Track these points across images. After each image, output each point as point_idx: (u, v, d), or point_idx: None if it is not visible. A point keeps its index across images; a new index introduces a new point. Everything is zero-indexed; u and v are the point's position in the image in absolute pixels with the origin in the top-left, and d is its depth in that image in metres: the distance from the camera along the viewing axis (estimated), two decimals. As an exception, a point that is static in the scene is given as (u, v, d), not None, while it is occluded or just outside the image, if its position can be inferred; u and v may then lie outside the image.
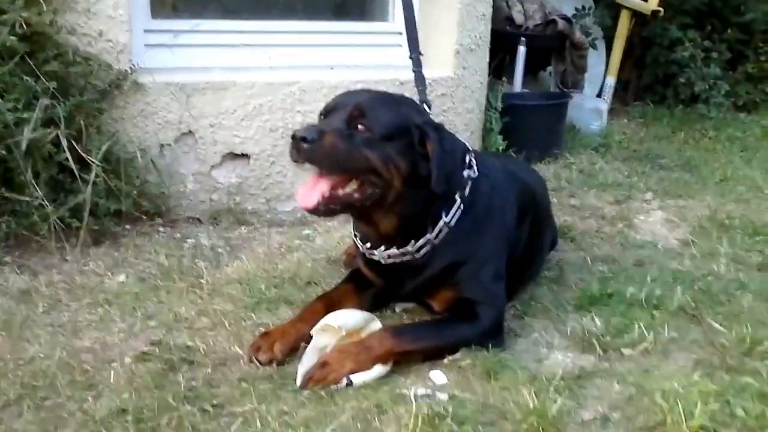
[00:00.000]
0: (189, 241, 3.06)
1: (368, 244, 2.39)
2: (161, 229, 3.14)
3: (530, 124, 4.82)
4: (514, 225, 2.52)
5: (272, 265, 2.90)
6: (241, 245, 3.11)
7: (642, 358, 2.33)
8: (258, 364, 2.21)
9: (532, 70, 5.69)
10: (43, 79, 2.76)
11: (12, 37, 2.63)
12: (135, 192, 3.00)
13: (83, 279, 2.62)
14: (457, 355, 2.26)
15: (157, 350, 2.24)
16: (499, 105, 4.63)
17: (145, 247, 2.92)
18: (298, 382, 2.12)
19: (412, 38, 2.93)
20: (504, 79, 5.14)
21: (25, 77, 2.72)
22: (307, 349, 2.22)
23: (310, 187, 2.20)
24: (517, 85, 5.30)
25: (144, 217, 3.12)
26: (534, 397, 2.04)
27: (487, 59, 4.34)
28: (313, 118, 3.44)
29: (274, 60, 3.65)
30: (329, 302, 2.44)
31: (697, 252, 3.26)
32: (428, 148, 2.22)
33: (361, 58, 3.86)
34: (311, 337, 2.24)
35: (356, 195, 2.20)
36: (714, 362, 2.29)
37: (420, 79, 2.85)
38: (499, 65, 5.09)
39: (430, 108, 2.67)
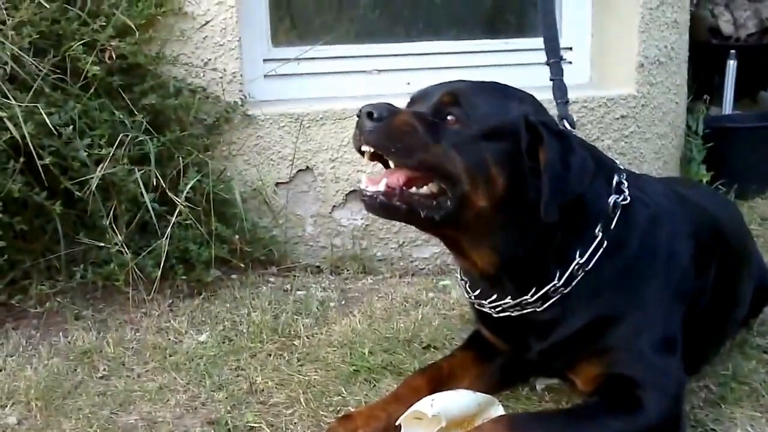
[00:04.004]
0: (298, 293, 2.59)
1: (477, 291, 1.77)
2: (272, 279, 2.71)
3: (743, 150, 3.89)
4: (691, 270, 1.77)
5: (388, 324, 2.35)
6: (358, 298, 2.60)
7: None
8: (332, 458, 1.66)
9: (747, 90, 4.73)
10: (136, 113, 2.47)
11: (95, 67, 2.36)
12: (240, 237, 2.61)
13: (158, 338, 2.24)
14: (610, 461, 1.55)
15: (212, 432, 1.78)
16: (701, 129, 3.78)
17: (244, 300, 2.50)
18: None
19: (550, 39, 2.29)
20: (706, 98, 4.22)
21: (116, 112, 2.44)
22: None
23: (381, 176, 1.64)
24: (727, 108, 4.38)
25: (254, 267, 2.71)
26: None
27: (685, 75, 3.56)
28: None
29: (414, 86, 3.16)
30: (437, 375, 1.83)
31: None
32: (540, 157, 1.57)
33: (516, 79, 3.25)
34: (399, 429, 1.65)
35: (430, 201, 1.59)
36: None
37: (560, 89, 2.20)
38: (706, 86, 4.21)
39: (573, 127, 2.02)
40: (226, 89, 2.76)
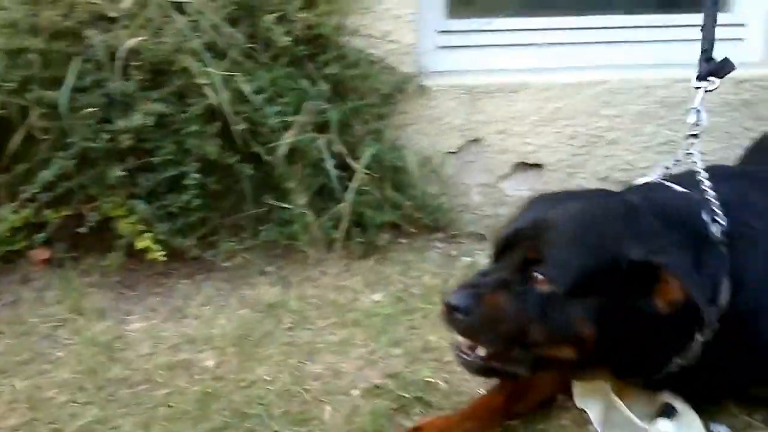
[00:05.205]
0: (465, 259, 2.67)
1: None
2: (438, 244, 2.79)
3: None
4: None
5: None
6: (524, 268, 2.63)
7: None
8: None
9: None
10: (319, 83, 2.61)
11: (286, 38, 2.51)
12: (411, 204, 2.71)
13: (336, 295, 2.38)
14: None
15: (392, 384, 1.90)
16: None
17: (414, 263, 2.60)
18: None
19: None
20: None
21: (300, 81, 2.59)
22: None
23: None
24: None
25: (422, 232, 2.80)
26: None
27: None
28: (621, 124, 2.90)
29: (581, 59, 3.12)
30: None
31: None
32: (665, 294, 1.49)
33: (689, 56, 3.12)
34: None
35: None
36: None
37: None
38: None
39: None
40: (402, 60, 2.85)
